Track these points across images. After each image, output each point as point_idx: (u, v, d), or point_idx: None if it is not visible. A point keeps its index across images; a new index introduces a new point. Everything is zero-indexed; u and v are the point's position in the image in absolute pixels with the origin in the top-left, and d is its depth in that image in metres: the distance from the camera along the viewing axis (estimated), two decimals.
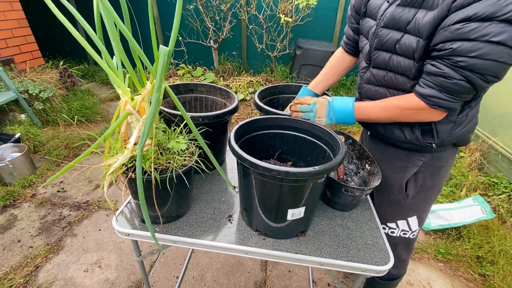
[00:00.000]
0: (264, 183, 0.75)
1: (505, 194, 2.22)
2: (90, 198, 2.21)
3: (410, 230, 1.14)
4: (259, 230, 0.88)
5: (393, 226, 1.15)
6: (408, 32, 0.79)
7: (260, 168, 0.69)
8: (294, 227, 0.86)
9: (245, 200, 0.87)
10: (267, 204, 0.80)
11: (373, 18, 0.92)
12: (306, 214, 0.83)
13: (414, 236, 1.16)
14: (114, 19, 0.58)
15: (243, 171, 0.80)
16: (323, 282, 1.66)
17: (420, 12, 0.75)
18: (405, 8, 0.79)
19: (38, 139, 2.70)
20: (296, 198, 0.77)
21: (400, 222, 1.13)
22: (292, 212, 0.80)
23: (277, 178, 0.70)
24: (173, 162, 0.77)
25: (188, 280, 1.64)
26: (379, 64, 0.91)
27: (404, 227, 1.13)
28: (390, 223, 1.14)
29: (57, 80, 3.45)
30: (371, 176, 1.03)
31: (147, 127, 0.63)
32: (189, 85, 1.25)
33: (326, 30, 4.16)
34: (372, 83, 0.97)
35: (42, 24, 4.22)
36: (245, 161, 0.71)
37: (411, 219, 1.11)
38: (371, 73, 0.96)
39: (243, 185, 0.84)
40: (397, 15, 0.80)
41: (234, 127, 0.86)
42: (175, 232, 0.87)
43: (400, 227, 1.14)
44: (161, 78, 0.60)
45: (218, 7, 3.96)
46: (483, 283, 1.67)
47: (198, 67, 4.37)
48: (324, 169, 0.70)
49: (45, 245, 1.79)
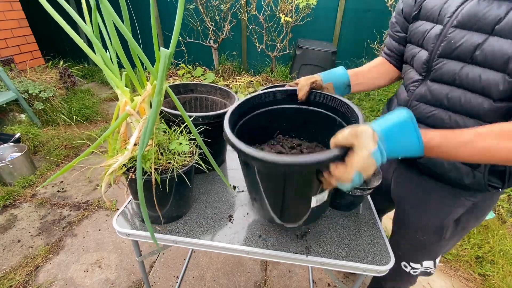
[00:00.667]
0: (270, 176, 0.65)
1: (505, 194, 2.22)
2: (90, 198, 2.21)
3: (434, 268, 0.98)
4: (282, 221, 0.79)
5: (417, 267, 0.98)
6: (497, 34, 0.59)
7: (260, 162, 0.56)
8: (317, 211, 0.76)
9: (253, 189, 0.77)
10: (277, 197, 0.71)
11: (430, 20, 0.75)
12: None
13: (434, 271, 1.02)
14: (113, 18, 0.58)
15: (245, 164, 0.69)
16: (323, 282, 1.66)
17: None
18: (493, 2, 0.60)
19: (38, 139, 2.70)
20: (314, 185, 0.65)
21: (426, 262, 0.97)
22: (315, 199, 0.69)
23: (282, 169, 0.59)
24: (173, 162, 0.77)
25: (188, 280, 1.64)
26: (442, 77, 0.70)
27: (429, 265, 0.97)
28: (415, 263, 0.97)
29: (57, 80, 3.45)
30: (372, 176, 1.03)
31: (148, 131, 0.63)
32: (189, 85, 1.25)
33: (326, 30, 4.16)
34: (428, 102, 0.75)
35: (42, 24, 4.21)
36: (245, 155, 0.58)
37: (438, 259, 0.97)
38: (427, 88, 0.75)
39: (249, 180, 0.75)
40: (480, 11, 0.61)
41: (228, 109, 0.75)
42: (175, 232, 0.87)
43: (424, 265, 0.98)
44: (162, 81, 0.60)
45: (218, 7, 3.96)
46: (483, 283, 1.67)
47: (198, 67, 4.37)
48: None
49: (45, 245, 1.79)
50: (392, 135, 0.54)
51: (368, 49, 4.03)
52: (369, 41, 3.91)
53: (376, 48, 3.83)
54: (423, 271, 1.00)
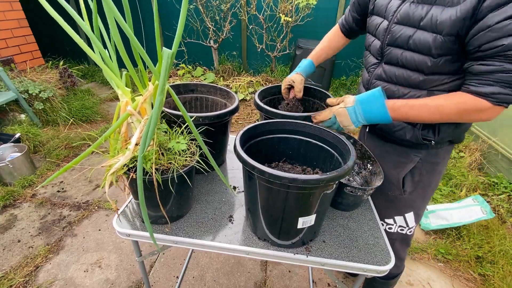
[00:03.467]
0: (270, 190, 0.72)
1: (505, 194, 2.22)
2: (90, 198, 2.21)
3: (407, 226, 1.16)
4: (265, 239, 0.86)
5: (391, 222, 1.17)
6: (422, 28, 0.81)
7: (267, 174, 0.66)
8: (304, 236, 0.83)
9: (251, 204, 0.84)
10: (272, 212, 0.78)
11: (380, 15, 0.95)
12: (316, 221, 0.80)
13: (411, 233, 1.18)
14: (116, 17, 0.58)
15: (249, 177, 0.77)
16: (323, 282, 1.67)
17: (435, 9, 0.78)
18: (419, 5, 0.82)
19: (38, 139, 2.70)
20: (304, 206, 0.74)
21: (398, 218, 1.15)
22: (302, 221, 0.77)
23: (284, 185, 0.68)
24: (174, 162, 0.77)
25: (188, 280, 1.64)
26: (391, 60, 0.93)
27: (402, 223, 1.16)
28: (388, 219, 1.17)
29: (57, 80, 3.45)
30: (373, 176, 1.03)
31: (150, 131, 0.63)
32: (189, 85, 1.25)
33: (326, 30, 4.09)
34: (383, 79, 0.98)
35: (42, 24, 4.21)
36: (254, 169, 0.68)
37: (408, 215, 1.13)
38: (382, 69, 0.97)
39: (249, 192, 0.82)
40: (411, 11, 0.83)
41: (238, 132, 0.85)
42: (176, 232, 0.87)
43: (398, 223, 1.16)
44: (164, 81, 0.60)
45: (218, 7, 3.96)
46: (483, 283, 1.67)
47: (198, 67, 4.37)
48: (334, 176, 0.66)
49: (45, 245, 1.79)
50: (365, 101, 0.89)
51: None
52: None
53: None
54: (399, 231, 1.17)
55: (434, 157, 1.01)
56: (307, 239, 0.85)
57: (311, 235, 0.86)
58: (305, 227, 0.79)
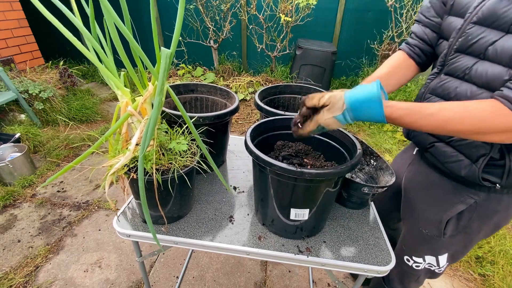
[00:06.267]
0: (279, 181, 0.77)
1: None
2: (90, 198, 2.21)
3: (437, 266, 0.98)
4: (270, 225, 0.89)
5: (419, 261, 0.99)
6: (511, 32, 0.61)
7: (276, 167, 0.70)
8: (301, 228, 0.86)
9: (262, 195, 0.87)
10: (281, 200, 0.81)
11: (461, 16, 0.73)
12: (315, 217, 0.83)
13: (441, 272, 1.00)
14: (113, 19, 0.58)
15: (260, 171, 0.81)
16: (323, 282, 1.67)
17: None
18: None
19: (38, 139, 2.70)
20: (303, 198, 0.78)
21: (429, 257, 0.97)
22: (295, 212, 0.80)
23: (291, 178, 0.72)
24: (174, 163, 0.77)
25: (188, 280, 1.64)
26: (455, 71, 0.72)
27: (432, 262, 0.98)
28: (417, 257, 0.99)
29: (57, 80, 3.45)
30: (379, 171, 1.01)
31: (150, 131, 0.63)
32: (189, 85, 1.25)
33: (326, 30, 4.16)
34: (438, 95, 0.77)
35: (42, 24, 4.19)
36: (265, 162, 0.73)
37: (441, 257, 0.95)
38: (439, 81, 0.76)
39: (260, 184, 0.86)
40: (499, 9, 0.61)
41: (248, 128, 0.87)
42: (176, 233, 0.87)
43: (427, 261, 0.99)
44: (163, 81, 0.60)
45: (218, 7, 3.95)
46: (483, 283, 1.67)
47: (198, 67, 4.36)
48: (337, 171, 0.70)
49: (45, 245, 1.79)
50: (358, 108, 0.63)
51: (368, 49, 4.04)
52: (369, 41, 3.91)
53: (376, 48, 3.83)
54: (426, 268, 1.00)
55: (494, 203, 0.77)
56: (306, 233, 0.87)
57: (310, 231, 0.87)
58: (299, 219, 0.82)
